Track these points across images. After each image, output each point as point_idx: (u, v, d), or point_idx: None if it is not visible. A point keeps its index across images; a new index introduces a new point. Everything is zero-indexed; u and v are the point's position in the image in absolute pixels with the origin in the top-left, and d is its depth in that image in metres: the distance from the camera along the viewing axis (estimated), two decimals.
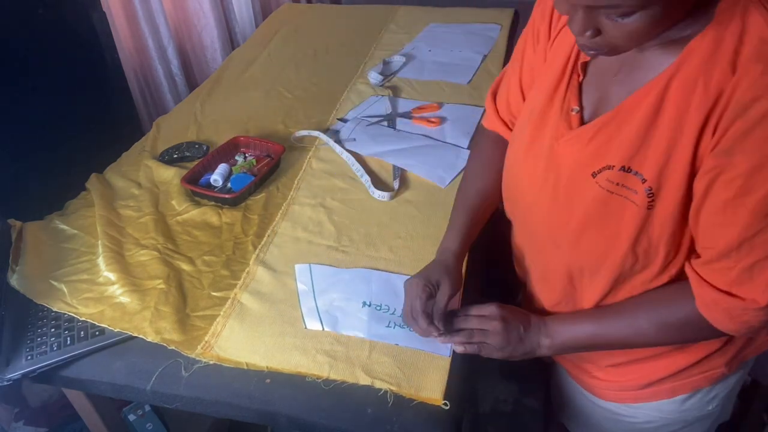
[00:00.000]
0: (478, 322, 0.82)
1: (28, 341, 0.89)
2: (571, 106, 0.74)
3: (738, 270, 0.64)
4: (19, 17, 1.18)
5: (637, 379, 0.87)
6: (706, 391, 0.87)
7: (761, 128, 0.57)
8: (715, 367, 0.84)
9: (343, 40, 1.84)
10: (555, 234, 0.79)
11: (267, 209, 1.14)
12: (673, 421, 0.90)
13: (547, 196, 0.78)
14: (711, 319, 0.69)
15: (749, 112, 0.57)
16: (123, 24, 1.67)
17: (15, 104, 1.18)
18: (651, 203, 0.67)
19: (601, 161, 0.69)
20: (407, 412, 0.77)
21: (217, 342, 0.87)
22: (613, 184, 0.68)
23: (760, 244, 0.62)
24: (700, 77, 0.60)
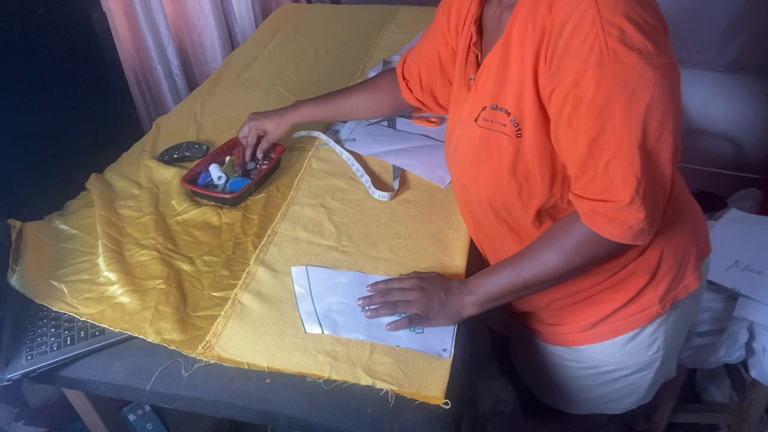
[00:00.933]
0: (400, 293, 0.89)
1: (28, 341, 0.89)
2: (469, 75, 0.90)
3: (599, 177, 0.72)
4: (19, 17, 1.18)
5: (579, 320, 0.95)
6: (647, 334, 0.93)
7: (572, 44, 0.68)
8: (649, 305, 0.91)
9: (343, 40, 1.84)
10: (464, 179, 0.92)
11: (267, 209, 1.14)
12: (617, 365, 0.97)
13: (456, 151, 0.91)
14: (595, 228, 0.77)
15: (562, 34, 0.69)
16: (123, 24, 1.66)
17: (15, 104, 1.18)
18: (518, 132, 0.78)
19: (478, 106, 0.84)
20: (407, 413, 0.77)
21: (218, 342, 0.87)
22: (488, 122, 0.82)
23: (605, 144, 0.70)
24: (529, 21, 0.74)
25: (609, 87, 0.66)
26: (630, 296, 0.90)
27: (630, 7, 0.66)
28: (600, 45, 0.66)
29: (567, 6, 0.69)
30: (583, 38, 0.67)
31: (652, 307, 0.91)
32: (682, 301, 0.93)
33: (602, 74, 0.66)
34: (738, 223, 1.57)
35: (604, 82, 0.66)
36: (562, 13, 0.69)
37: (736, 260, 1.43)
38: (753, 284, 1.37)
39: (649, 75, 0.66)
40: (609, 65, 0.66)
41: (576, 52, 0.67)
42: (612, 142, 0.69)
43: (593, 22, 0.66)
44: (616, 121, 0.68)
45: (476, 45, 0.88)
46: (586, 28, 0.66)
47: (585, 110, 0.69)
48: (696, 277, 0.92)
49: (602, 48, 0.65)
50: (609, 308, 0.92)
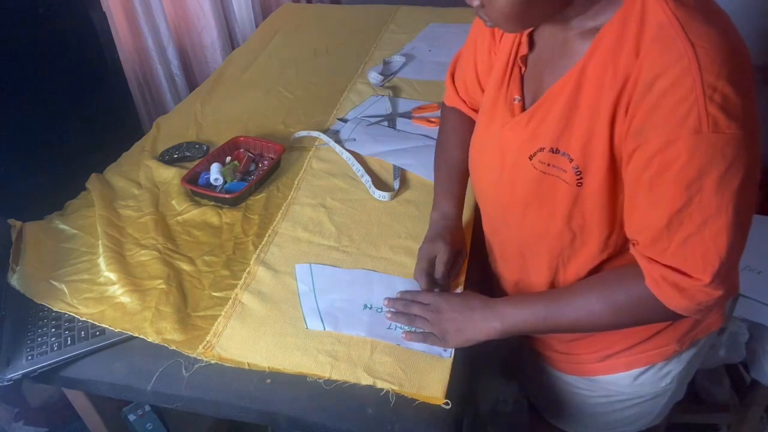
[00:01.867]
0: (419, 309, 0.87)
1: (29, 341, 0.89)
2: (513, 95, 0.80)
3: (674, 248, 0.66)
4: (19, 17, 1.18)
5: (594, 352, 0.91)
6: (660, 367, 0.90)
7: (665, 103, 0.61)
8: (667, 344, 0.87)
9: (343, 40, 1.84)
10: (504, 214, 0.86)
11: (267, 209, 1.14)
12: (628, 395, 0.94)
13: (495, 179, 0.85)
14: (661, 297, 0.70)
15: (653, 90, 0.61)
16: (123, 24, 1.66)
17: (15, 104, 1.18)
18: (580, 181, 0.71)
19: (535, 144, 0.75)
20: (408, 412, 0.77)
21: (219, 342, 0.87)
22: (545, 165, 0.74)
23: (687, 217, 0.64)
24: (610, 62, 0.65)
25: (704, 158, 0.60)
26: (647, 335, 0.86)
27: (735, 70, 0.59)
28: (699, 111, 0.59)
29: (662, 58, 0.61)
30: (679, 100, 0.59)
31: (669, 345, 0.87)
32: (701, 339, 0.90)
33: (698, 143, 0.60)
34: None
35: (699, 153, 0.60)
36: (656, 65, 0.61)
37: None
38: (753, 284, 1.37)
39: (747, 144, 0.60)
40: (707, 134, 0.59)
41: (669, 113, 0.60)
42: (697, 217, 0.63)
43: (693, 83, 0.58)
44: (705, 195, 0.62)
45: (523, 59, 0.80)
46: (684, 89, 0.59)
47: (672, 178, 0.62)
48: (719, 317, 0.89)
49: (701, 114, 0.59)
50: (624, 344, 0.88)
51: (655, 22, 0.62)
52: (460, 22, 1.87)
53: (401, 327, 0.87)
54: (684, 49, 0.59)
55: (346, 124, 1.37)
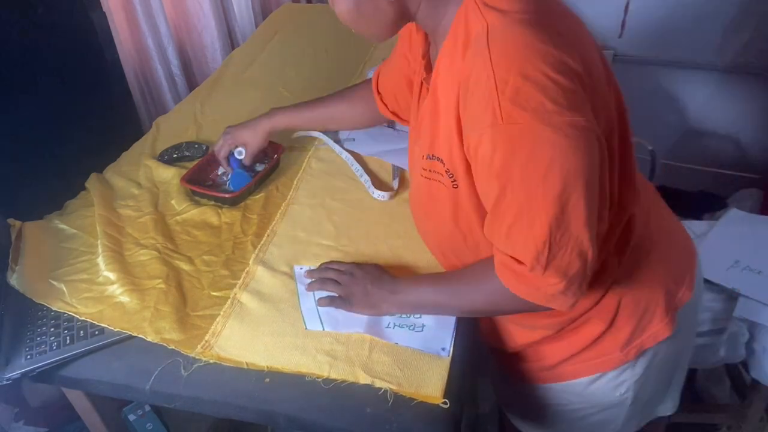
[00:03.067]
0: (334, 274, 0.93)
1: (28, 341, 0.89)
2: None
3: (503, 235, 0.70)
4: (18, 17, 1.18)
5: (541, 359, 0.95)
6: (612, 377, 0.91)
7: (472, 101, 0.66)
8: (610, 352, 0.89)
9: (343, 40, 1.84)
10: (417, 222, 0.96)
11: (266, 209, 1.14)
12: (582, 404, 0.96)
13: (413, 197, 0.94)
14: (505, 282, 0.73)
15: (468, 89, 0.66)
16: (123, 24, 1.66)
17: (14, 104, 1.18)
18: (454, 183, 0.76)
19: (419, 154, 0.81)
20: (406, 412, 0.77)
21: (217, 341, 0.87)
22: (427, 171, 0.80)
23: (506, 206, 0.67)
24: (449, 72, 0.72)
25: (504, 149, 0.63)
26: (587, 342, 0.89)
27: (528, 64, 0.62)
28: (494, 105, 0.62)
29: (472, 59, 0.66)
30: (479, 97, 0.64)
31: (612, 354, 0.89)
32: (651, 349, 0.90)
33: (496, 135, 0.63)
34: (738, 223, 1.57)
35: (499, 144, 0.63)
36: (469, 66, 0.66)
37: (736, 260, 1.43)
38: (753, 284, 1.37)
39: (546, 135, 0.62)
40: (502, 126, 0.62)
41: (475, 110, 0.65)
42: (513, 206, 0.66)
43: (488, 79, 0.63)
44: (515, 184, 0.65)
45: (426, 80, 0.84)
46: (482, 86, 0.64)
47: (486, 171, 0.67)
48: (666, 325, 0.88)
49: (495, 108, 0.62)
50: (567, 352, 0.91)
51: (474, 29, 0.67)
52: None
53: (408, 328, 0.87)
54: (483, 50, 0.64)
55: None
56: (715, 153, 2.29)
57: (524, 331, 0.94)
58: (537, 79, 0.62)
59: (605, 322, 0.87)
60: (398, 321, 0.88)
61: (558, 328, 0.89)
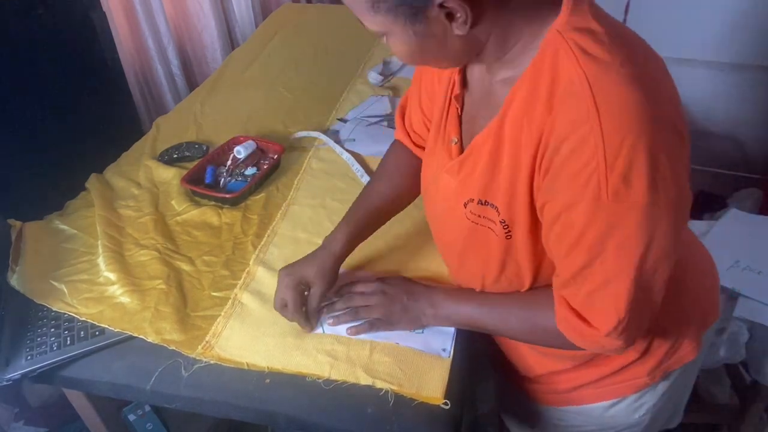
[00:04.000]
0: (362, 299, 0.88)
1: (28, 341, 0.89)
2: (450, 136, 0.78)
3: (580, 299, 0.67)
4: (19, 17, 1.18)
5: (563, 382, 0.90)
6: (633, 400, 0.88)
7: (568, 166, 0.59)
8: (637, 377, 0.86)
9: (343, 40, 1.84)
10: (446, 255, 0.90)
11: (267, 209, 1.14)
12: (600, 426, 0.93)
13: (438, 221, 0.87)
14: (566, 334, 0.71)
15: (559, 152, 0.59)
16: (123, 24, 1.66)
17: (15, 104, 1.18)
18: (508, 233, 0.71)
19: (466, 194, 0.74)
20: (407, 412, 0.77)
21: (218, 342, 0.87)
22: (475, 216, 0.74)
23: (590, 275, 0.64)
24: (525, 116, 0.63)
25: (603, 225, 0.60)
26: (616, 368, 0.85)
27: (643, 136, 0.56)
28: (599, 178, 0.57)
29: (568, 118, 0.58)
30: (581, 166, 0.58)
31: (639, 378, 0.86)
32: (674, 371, 0.88)
33: (597, 210, 0.59)
34: (738, 223, 1.57)
35: (599, 219, 0.59)
36: (563, 125, 0.59)
37: (736, 260, 1.43)
38: (753, 284, 1.37)
39: (650, 215, 0.58)
40: (606, 202, 0.58)
41: (572, 177, 0.59)
42: (598, 277, 0.64)
43: (595, 150, 0.56)
44: (607, 260, 0.62)
45: (457, 98, 0.77)
46: (586, 156, 0.57)
47: (574, 238, 0.63)
48: (694, 348, 0.86)
49: (601, 183, 0.57)
50: (592, 377, 0.87)
51: (566, 77, 0.59)
52: None
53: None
54: (588, 112, 0.56)
55: (345, 125, 1.37)
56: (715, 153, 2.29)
57: (547, 361, 0.89)
58: (650, 152, 0.56)
59: (639, 352, 0.84)
60: None
61: (590, 358, 0.85)
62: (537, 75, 0.62)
